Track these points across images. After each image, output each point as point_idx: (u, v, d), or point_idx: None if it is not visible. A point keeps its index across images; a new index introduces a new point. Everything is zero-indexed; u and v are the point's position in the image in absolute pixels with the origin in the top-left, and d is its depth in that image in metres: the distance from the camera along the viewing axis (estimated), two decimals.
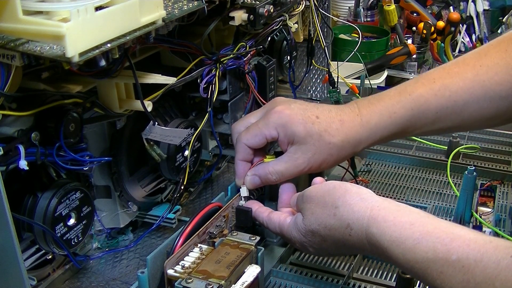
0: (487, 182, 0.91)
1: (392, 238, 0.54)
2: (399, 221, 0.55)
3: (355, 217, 0.58)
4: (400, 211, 0.56)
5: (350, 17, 1.70)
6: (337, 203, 0.60)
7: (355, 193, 0.60)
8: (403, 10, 1.71)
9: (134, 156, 0.78)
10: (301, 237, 0.64)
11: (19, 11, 0.49)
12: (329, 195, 0.61)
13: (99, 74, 0.62)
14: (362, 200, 0.59)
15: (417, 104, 0.69)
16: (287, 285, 0.71)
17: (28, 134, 0.58)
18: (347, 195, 0.60)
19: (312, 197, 0.63)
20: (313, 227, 0.62)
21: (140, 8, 0.56)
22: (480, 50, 0.70)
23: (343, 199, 0.60)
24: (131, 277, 0.75)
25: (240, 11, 0.78)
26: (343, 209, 0.59)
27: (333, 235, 0.60)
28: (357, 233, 0.58)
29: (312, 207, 0.62)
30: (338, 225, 0.59)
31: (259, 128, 0.71)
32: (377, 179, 0.96)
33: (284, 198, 0.72)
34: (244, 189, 0.72)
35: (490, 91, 0.67)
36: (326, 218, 0.60)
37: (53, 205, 0.62)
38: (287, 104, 0.71)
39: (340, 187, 0.61)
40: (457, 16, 1.55)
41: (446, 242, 0.51)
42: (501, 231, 0.79)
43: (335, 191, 0.61)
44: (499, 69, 0.66)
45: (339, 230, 0.59)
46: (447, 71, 0.70)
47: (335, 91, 1.00)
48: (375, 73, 1.43)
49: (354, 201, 0.59)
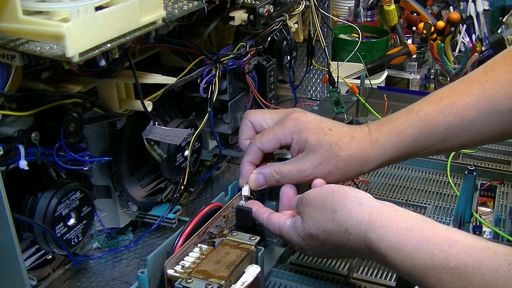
0: (487, 182, 0.91)
1: (390, 244, 0.54)
2: (397, 227, 0.55)
3: (353, 222, 0.58)
4: (399, 216, 0.56)
5: (350, 17, 1.70)
6: (336, 208, 0.60)
7: (354, 198, 0.60)
8: (403, 10, 1.71)
9: (134, 156, 0.78)
10: (300, 240, 0.64)
11: (19, 11, 0.49)
12: (328, 199, 0.61)
13: (99, 74, 0.62)
14: (361, 204, 0.59)
15: (424, 122, 0.69)
16: (287, 285, 0.71)
17: (28, 134, 0.58)
18: (346, 199, 0.60)
19: (311, 201, 0.63)
20: (311, 231, 0.62)
21: (140, 8, 0.56)
22: (486, 65, 0.70)
23: (342, 203, 0.60)
24: (131, 277, 0.75)
25: (240, 11, 0.78)
26: (341, 213, 0.59)
27: (332, 240, 0.60)
28: (356, 238, 0.58)
29: (311, 211, 0.62)
30: (337, 229, 0.59)
31: (274, 133, 0.71)
32: (377, 179, 0.96)
33: (285, 201, 0.72)
34: (246, 188, 0.73)
35: (497, 105, 0.66)
36: (325, 222, 0.60)
37: (53, 205, 0.62)
38: (303, 113, 0.72)
39: (338, 191, 0.61)
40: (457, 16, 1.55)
41: (444, 248, 0.51)
42: (501, 231, 0.79)
43: (333, 195, 0.61)
44: (505, 82, 0.66)
45: (338, 234, 0.59)
46: (454, 89, 0.70)
47: (335, 91, 1.00)
48: (375, 73, 1.43)
49: (353, 205, 0.59)
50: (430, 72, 1.63)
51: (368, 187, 0.93)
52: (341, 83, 1.03)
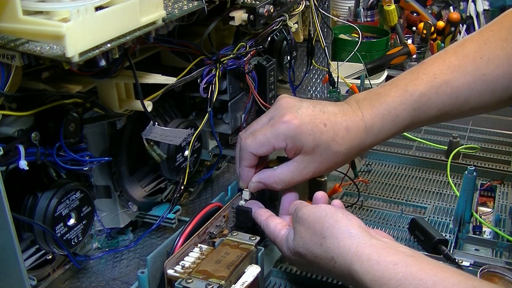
0: (487, 182, 0.91)
1: (375, 277, 0.53)
2: (383, 261, 0.54)
3: (340, 252, 0.57)
4: (387, 249, 0.55)
5: (350, 17, 1.70)
6: (325, 234, 0.59)
7: (345, 227, 0.59)
8: (403, 10, 1.71)
9: (134, 156, 0.78)
10: (290, 254, 0.64)
11: (19, 11, 0.49)
12: (319, 222, 0.60)
13: (99, 74, 0.62)
14: (350, 236, 0.58)
15: (419, 105, 0.68)
16: (287, 285, 0.71)
17: (28, 134, 0.58)
18: (336, 227, 0.59)
19: (304, 220, 0.62)
20: (300, 250, 0.62)
21: (140, 8, 0.56)
22: (479, 35, 0.68)
23: (331, 230, 0.59)
24: (131, 277, 0.75)
25: (240, 11, 0.78)
26: (330, 241, 0.58)
27: (319, 263, 0.60)
28: (341, 267, 0.57)
29: (302, 230, 0.62)
30: (323, 255, 0.59)
31: (267, 138, 0.69)
32: (377, 179, 0.96)
33: (286, 205, 0.71)
34: (247, 193, 0.73)
35: (491, 84, 0.66)
36: (313, 246, 0.60)
37: (53, 205, 0.62)
38: (294, 111, 0.68)
39: (331, 216, 0.60)
40: (457, 16, 1.55)
41: (428, 285, 0.50)
42: (501, 231, 0.79)
43: (325, 220, 0.60)
44: (500, 61, 0.65)
45: (324, 260, 0.59)
46: (448, 64, 0.68)
47: (335, 91, 1.00)
48: (375, 73, 1.43)
49: (342, 235, 0.58)
50: None
51: (368, 187, 0.93)
52: (341, 83, 1.03)
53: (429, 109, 0.68)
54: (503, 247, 0.76)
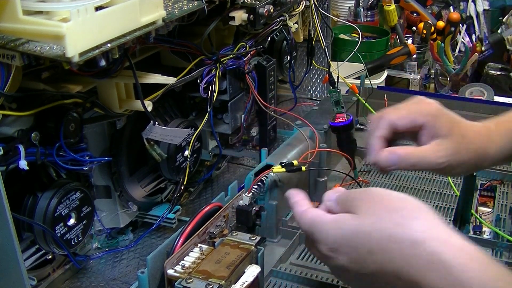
0: (487, 182, 0.91)
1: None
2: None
3: (432, 236, 0.49)
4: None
5: (350, 17, 1.70)
6: (414, 215, 0.51)
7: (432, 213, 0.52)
8: (403, 10, 1.71)
9: (134, 156, 0.78)
10: (339, 239, 0.53)
11: (19, 11, 0.49)
12: (399, 201, 0.53)
13: (99, 74, 0.62)
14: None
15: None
16: (287, 285, 0.71)
17: (28, 134, 0.58)
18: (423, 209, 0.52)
19: (374, 196, 0.54)
20: (367, 228, 0.51)
21: (140, 8, 0.56)
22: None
23: (418, 213, 0.51)
24: (131, 277, 0.75)
25: (240, 11, 0.78)
26: (421, 222, 0.50)
27: (391, 247, 0.50)
28: (428, 252, 0.48)
29: (376, 207, 0.53)
30: (405, 238, 0.49)
31: (410, 111, 0.66)
32: (377, 179, 0.96)
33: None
34: (247, 199, 0.73)
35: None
36: (389, 224, 0.50)
37: (53, 205, 0.62)
38: (432, 100, 0.68)
39: (411, 200, 0.53)
40: (457, 16, 1.55)
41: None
42: (501, 231, 0.79)
43: (407, 199, 0.53)
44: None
45: (405, 243, 0.49)
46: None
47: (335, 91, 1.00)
48: (375, 73, 1.43)
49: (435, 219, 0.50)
50: (430, 72, 1.63)
51: (368, 187, 0.93)
52: (341, 83, 1.03)
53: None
54: (503, 247, 0.76)
